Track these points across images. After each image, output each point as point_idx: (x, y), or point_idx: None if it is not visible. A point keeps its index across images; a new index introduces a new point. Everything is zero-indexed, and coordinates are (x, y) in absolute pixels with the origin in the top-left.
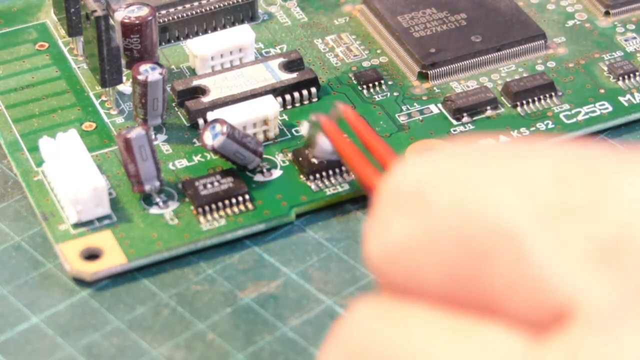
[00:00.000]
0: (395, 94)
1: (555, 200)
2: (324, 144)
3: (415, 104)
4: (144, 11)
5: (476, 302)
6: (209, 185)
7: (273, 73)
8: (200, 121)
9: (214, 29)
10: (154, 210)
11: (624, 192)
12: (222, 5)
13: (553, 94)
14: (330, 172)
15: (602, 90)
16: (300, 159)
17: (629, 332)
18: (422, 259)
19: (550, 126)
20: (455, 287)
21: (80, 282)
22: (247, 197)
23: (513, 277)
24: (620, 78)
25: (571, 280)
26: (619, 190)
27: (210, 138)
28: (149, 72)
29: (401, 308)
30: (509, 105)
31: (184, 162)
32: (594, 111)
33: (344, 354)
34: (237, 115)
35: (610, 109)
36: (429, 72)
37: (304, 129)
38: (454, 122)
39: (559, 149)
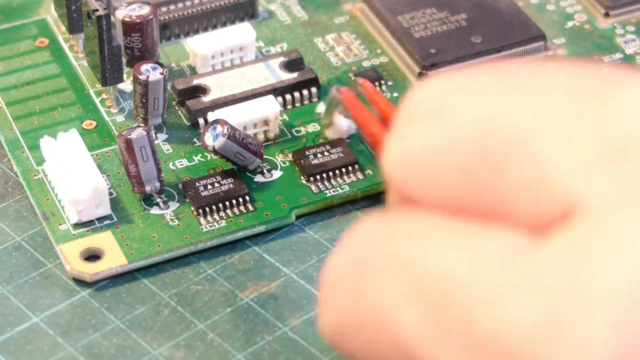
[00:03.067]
0: (395, 94)
1: (568, 107)
2: (340, 123)
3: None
4: (145, 10)
5: (487, 207)
6: (209, 186)
7: (273, 73)
8: (201, 121)
9: (214, 27)
10: (154, 210)
11: (630, 101)
12: (222, 3)
13: None
14: (331, 173)
15: None
16: (301, 160)
17: (632, 223)
18: (438, 165)
19: None
20: (468, 191)
21: (81, 282)
22: (247, 198)
23: (522, 179)
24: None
25: (577, 178)
26: (629, 99)
27: (211, 139)
28: (150, 72)
29: (410, 216)
30: None
31: (184, 162)
32: None
33: (352, 258)
34: (238, 116)
35: None
36: (429, 73)
37: (321, 108)
38: None
39: (572, 65)
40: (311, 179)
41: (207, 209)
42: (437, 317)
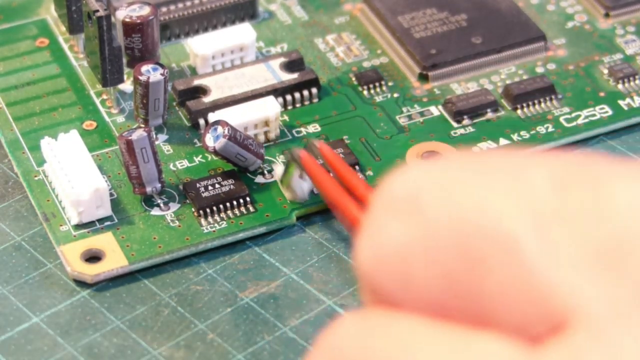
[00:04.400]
0: (395, 95)
1: (552, 205)
2: (299, 186)
3: (415, 105)
4: (146, 10)
5: (470, 311)
6: (210, 188)
7: (274, 73)
8: (202, 121)
9: (215, 27)
10: (155, 211)
11: (621, 198)
12: (222, 3)
13: (553, 97)
14: (331, 174)
15: (602, 94)
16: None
17: (629, 337)
18: (415, 264)
19: (550, 129)
20: (449, 295)
21: (81, 282)
22: (248, 199)
23: (509, 283)
24: (620, 81)
25: (569, 286)
26: (616, 195)
27: (211, 140)
28: (150, 73)
29: (390, 319)
30: (509, 108)
31: (185, 163)
32: (594, 115)
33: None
34: (238, 117)
35: (610, 112)
36: (429, 74)
37: (278, 169)
38: (455, 124)
39: (555, 157)
40: None
41: (208, 210)
42: None
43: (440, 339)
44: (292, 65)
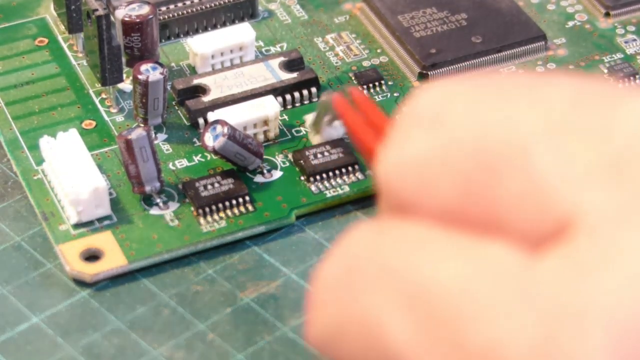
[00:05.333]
0: (395, 94)
1: (567, 120)
2: (329, 130)
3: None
4: (145, 9)
5: (481, 219)
6: (209, 187)
7: (273, 72)
8: (201, 120)
9: (214, 26)
10: (154, 211)
11: (633, 116)
12: (222, 2)
13: None
14: (331, 173)
15: None
16: (301, 160)
17: (628, 239)
18: (434, 173)
19: None
20: (464, 202)
21: (80, 282)
22: (247, 198)
23: (519, 190)
24: (620, 81)
25: (573, 191)
26: (629, 113)
27: (211, 139)
28: (149, 72)
29: (403, 225)
30: None
31: (184, 162)
32: None
33: (344, 266)
34: (238, 116)
35: None
36: (429, 73)
37: (309, 117)
38: None
39: (574, 79)
40: (311, 179)
41: (207, 209)
42: (428, 328)
43: (448, 243)
44: (292, 64)
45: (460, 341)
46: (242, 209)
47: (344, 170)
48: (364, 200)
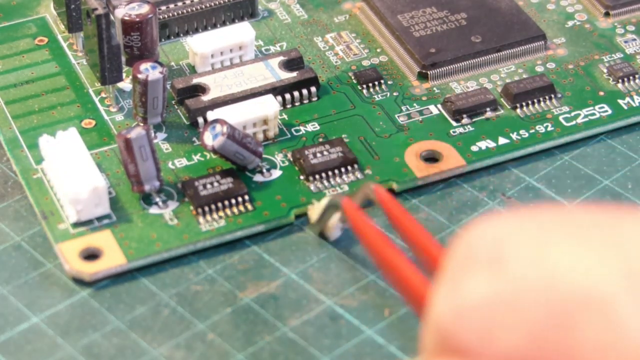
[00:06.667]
0: (395, 94)
1: None
2: (334, 230)
3: (415, 104)
4: (145, 9)
5: None
6: (208, 186)
7: (273, 72)
8: (200, 120)
9: (214, 26)
10: (153, 210)
11: None
12: (222, 1)
13: (553, 96)
14: (330, 173)
15: (601, 93)
16: (300, 159)
17: None
18: (500, 319)
19: (549, 129)
20: (534, 350)
21: (80, 282)
22: (246, 197)
23: (603, 344)
24: (620, 80)
25: None
26: None
27: (210, 138)
28: (149, 71)
29: None
30: (509, 107)
31: (184, 162)
32: (593, 114)
33: None
34: (237, 115)
35: (610, 112)
36: (428, 73)
37: (315, 209)
38: (454, 123)
39: None
40: (310, 178)
41: (206, 208)
42: None
43: None
44: (291, 63)
45: None
46: (241, 208)
47: (343, 169)
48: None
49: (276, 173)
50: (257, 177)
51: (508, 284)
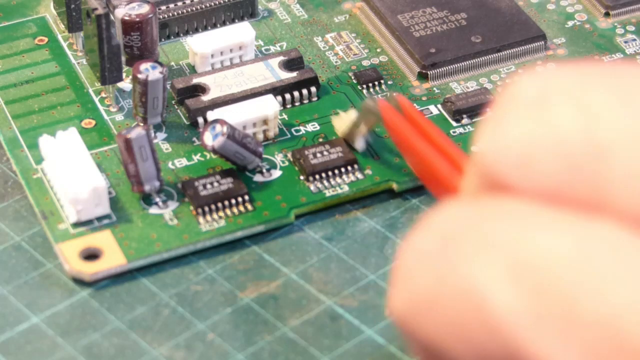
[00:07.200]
0: (395, 94)
1: None
2: (361, 139)
3: (414, 104)
4: (145, 8)
5: (588, 199)
6: (208, 186)
7: (273, 72)
8: (200, 120)
9: (214, 26)
10: (153, 210)
11: None
12: (222, 1)
13: None
14: (330, 173)
15: None
16: (300, 159)
17: None
18: (540, 154)
19: None
20: (568, 182)
21: (80, 282)
22: (246, 198)
23: (629, 171)
24: None
25: None
26: None
27: (210, 138)
28: (149, 71)
29: (505, 200)
30: None
31: (184, 162)
32: None
33: (439, 238)
34: (237, 115)
35: None
36: (428, 73)
37: (342, 118)
38: (454, 123)
39: None
40: (310, 178)
41: (207, 208)
42: (538, 298)
43: (556, 217)
44: (291, 63)
45: (575, 311)
46: (241, 208)
47: (343, 169)
48: (363, 200)
49: (276, 173)
50: (257, 177)
51: (551, 124)
